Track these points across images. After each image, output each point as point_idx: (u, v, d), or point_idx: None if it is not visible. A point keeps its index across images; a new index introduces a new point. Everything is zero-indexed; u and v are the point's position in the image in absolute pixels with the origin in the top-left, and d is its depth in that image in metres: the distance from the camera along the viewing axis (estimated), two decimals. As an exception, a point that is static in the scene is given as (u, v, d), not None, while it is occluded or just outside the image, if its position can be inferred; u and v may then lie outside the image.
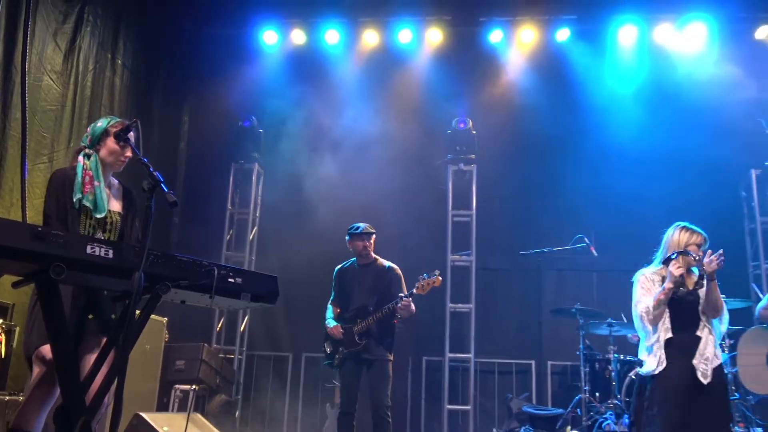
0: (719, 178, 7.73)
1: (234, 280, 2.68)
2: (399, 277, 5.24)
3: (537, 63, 8.06)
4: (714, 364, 3.78)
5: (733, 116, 7.59)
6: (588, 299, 7.07)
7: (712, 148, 7.51)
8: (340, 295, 5.36)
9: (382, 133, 7.86)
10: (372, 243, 5.28)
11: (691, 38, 7.83)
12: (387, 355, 5.08)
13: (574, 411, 5.91)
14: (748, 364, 4.24)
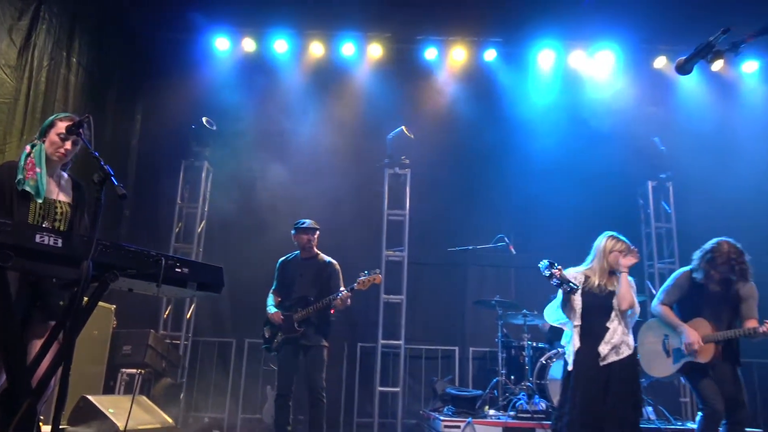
0: (621, 187, 8.05)
1: (181, 270, 2.61)
2: (338, 272, 5.23)
3: (467, 79, 8.18)
4: (625, 352, 3.91)
5: (634, 134, 7.92)
6: (506, 292, 7.23)
7: (615, 162, 7.82)
8: (281, 285, 5.30)
9: (325, 137, 7.83)
10: (316, 238, 5.24)
11: (600, 64, 8.12)
12: (323, 342, 5.06)
13: (492, 392, 6.00)
14: (646, 351, 4.41)
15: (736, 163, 7.64)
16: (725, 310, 4.20)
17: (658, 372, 4.38)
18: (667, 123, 8.01)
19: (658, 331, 4.37)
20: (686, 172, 7.73)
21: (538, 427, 5.00)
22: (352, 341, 7.53)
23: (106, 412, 4.41)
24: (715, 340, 4.10)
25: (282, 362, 5.09)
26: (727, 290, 4.16)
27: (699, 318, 4.19)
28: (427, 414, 6.00)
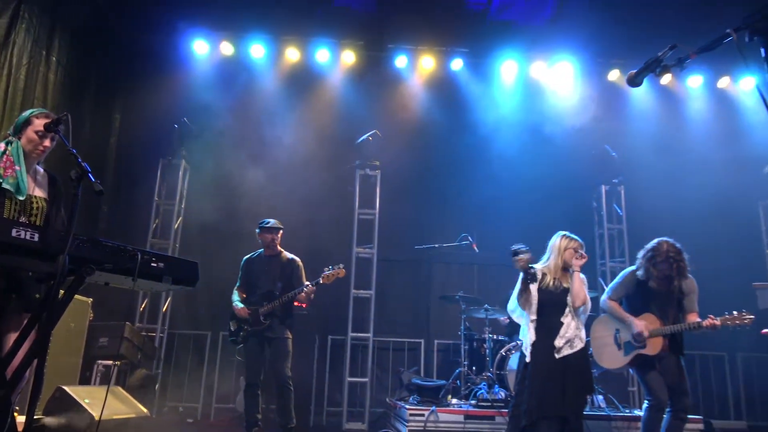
0: (577, 191, 8.19)
1: (156, 265, 2.56)
2: (300, 268, 5.22)
3: (435, 87, 8.23)
4: (578, 345, 3.97)
5: (589, 142, 8.07)
6: (469, 288, 7.29)
7: (572, 166, 7.96)
8: (246, 282, 5.27)
9: (300, 139, 7.78)
10: (279, 237, 5.22)
11: (558, 75, 8.25)
12: (287, 334, 5.04)
13: (455, 382, 6.02)
14: (598, 345, 4.47)
15: (682, 169, 7.86)
16: (670, 306, 4.29)
17: (609, 364, 4.44)
18: (619, 131, 8.18)
19: (610, 325, 4.44)
20: (637, 177, 7.90)
21: (497, 414, 5.04)
22: (323, 334, 7.50)
23: (81, 402, 4.30)
24: (662, 334, 4.19)
25: (249, 354, 5.06)
26: (670, 286, 4.25)
27: (647, 313, 4.28)
28: (394, 403, 6.01)
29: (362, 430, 6.48)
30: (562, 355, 3.91)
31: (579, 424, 3.91)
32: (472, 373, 5.98)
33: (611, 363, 4.42)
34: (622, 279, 4.47)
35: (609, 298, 4.45)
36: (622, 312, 4.35)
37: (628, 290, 4.40)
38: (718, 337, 7.58)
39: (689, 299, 4.27)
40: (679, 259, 4.17)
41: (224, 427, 6.52)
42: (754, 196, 7.92)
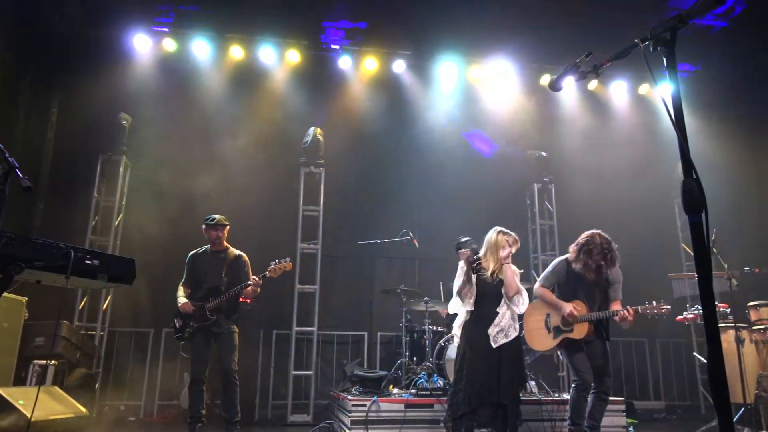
0: (512, 188, 8.43)
1: (91, 262, 2.46)
2: (247, 264, 5.15)
3: (378, 87, 8.27)
4: (512, 335, 4.09)
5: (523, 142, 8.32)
6: (410, 282, 7.37)
7: (508, 165, 8.18)
8: (191, 277, 5.14)
9: (244, 137, 7.65)
10: (225, 233, 5.13)
11: (495, 78, 8.45)
12: (234, 328, 4.98)
13: (396, 373, 6.06)
14: (531, 329, 4.61)
15: (606, 168, 8.22)
16: (597, 294, 4.48)
17: (540, 346, 4.59)
18: (551, 133, 8.47)
19: (541, 310, 4.59)
20: (566, 176, 8.19)
21: (436, 402, 5.12)
22: (267, 329, 7.42)
23: (15, 403, 4.09)
24: (588, 320, 4.37)
25: (195, 350, 4.95)
26: (600, 276, 4.44)
27: (575, 300, 4.45)
28: (337, 394, 6.00)
29: (307, 422, 6.44)
30: (498, 345, 4.02)
31: (514, 409, 4.03)
32: (412, 364, 6.04)
33: (541, 345, 4.56)
34: (554, 267, 4.64)
35: (541, 285, 4.62)
36: (553, 297, 4.51)
37: (559, 278, 4.57)
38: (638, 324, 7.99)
39: (614, 288, 4.47)
40: (610, 249, 4.36)
41: (168, 423, 6.35)
42: (671, 194, 8.37)
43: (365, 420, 4.93)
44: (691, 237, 1.59)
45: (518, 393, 4.14)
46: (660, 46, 1.65)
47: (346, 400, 5.22)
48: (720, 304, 6.09)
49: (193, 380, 4.90)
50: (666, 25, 1.64)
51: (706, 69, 8.32)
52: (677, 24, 1.64)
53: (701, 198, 1.57)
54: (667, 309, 4.30)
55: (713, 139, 8.01)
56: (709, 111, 8.39)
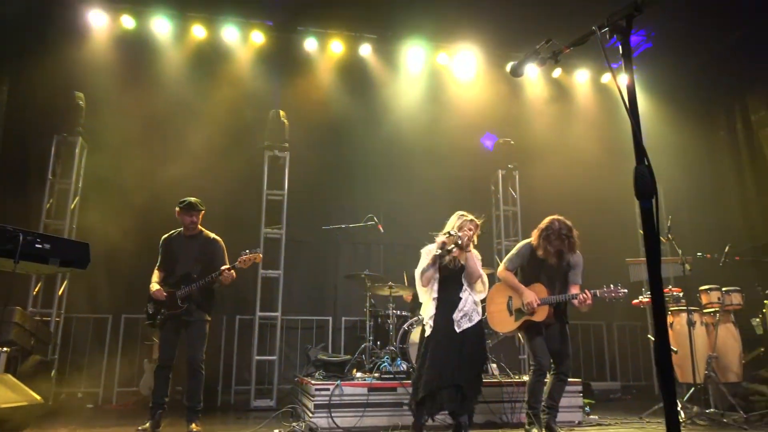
0: (477, 175, 8.51)
1: (42, 246, 2.39)
2: (222, 249, 5.03)
3: (344, 71, 8.20)
4: (475, 319, 4.15)
5: (489, 129, 8.39)
6: (375, 267, 7.39)
7: (473, 152, 8.24)
8: (165, 262, 5.01)
9: (206, 119, 7.48)
10: (200, 217, 5.01)
11: (462, 64, 8.48)
12: (205, 317, 4.89)
13: (360, 357, 6.10)
14: (493, 311, 4.67)
15: (570, 156, 8.37)
16: (558, 278, 4.58)
17: (501, 328, 4.66)
18: (516, 120, 8.56)
19: (504, 293, 4.66)
20: (530, 163, 8.30)
21: (399, 386, 5.17)
22: (230, 314, 7.35)
23: (-36, 392, 3.95)
24: (549, 303, 4.47)
25: (165, 336, 4.85)
26: (561, 260, 4.54)
27: (537, 283, 4.55)
28: (301, 379, 6.01)
29: (270, 407, 6.43)
30: (461, 329, 4.08)
31: (474, 391, 4.11)
32: (376, 348, 6.09)
33: (502, 327, 4.64)
34: (518, 250, 4.71)
35: (505, 267, 4.68)
36: (516, 281, 4.59)
37: (523, 261, 4.65)
38: (596, 308, 8.22)
39: (574, 272, 4.57)
40: (570, 235, 4.46)
41: (127, 410, 6.25)
42: (630, 181, 8.56)
43: (328, 404, 4.96)
44: (642, 222, 1.63)
45: (479, 375, 4.21)
46: (616, 34, 1.67)
47: (309, 385, 5.23)
48: (674, 288, 6.32)
49: (159, 366, 4.81)
50: (622, 12, 1.67)
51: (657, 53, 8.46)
52: (633, 12, 1.67)
53: (652, 184, 1.61)
54: (623, 293, 4.42)
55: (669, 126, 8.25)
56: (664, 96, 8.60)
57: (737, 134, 8.33)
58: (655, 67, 8.25)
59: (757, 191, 7.96)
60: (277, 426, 4.90)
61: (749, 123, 8.12)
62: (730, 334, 5.96)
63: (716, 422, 5.13)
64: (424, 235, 4.43)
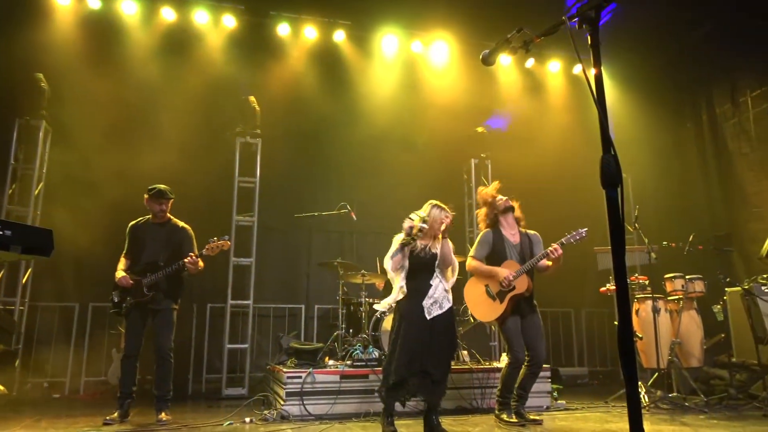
0: (451, 163, 8.55)
1: (2, 233, 2.31)
2: (190, 237, 4.96)
3: (318, 57, 8.11)
4: (445, 306, 4.18)
5: (462, 117, 8.41)
6: (348, 255, 7.39)
7: (446, 141, 8.26)
8: (132, 249, 4.91)
9: (176, 103, 7.31)
10: (169, 205, 4.93)
11: (435, 52, 8.47)
12: (172, 305, 4.83)
13: (333, 344, 6.12)
14: (475, 303, 4.70)
15: (543, 145, 8.47)
16: (526, 255, 4.62)
17: (491, 316, 4.64)
18: (489, 109, 8.61)
19: (479, 284, 4.71)
20: (503, 152, 8.36)
21: (371, 373, 5.20)
22: (201, 302, 7.28)
23: None
24: (525, 271, 4.54)
25: (131, 325, 4.78)
26: (522, 238, 4.71)
27: (507, 261, 4.63)
28: (273, 367, 5.99)
29: (242, 395, 6.40)
30: (432, 316, 4.11)
31: (444, 377, 4.15)
32: (349, 336, 6.11)
33: (491, 315, 4.63)
34: (481, 239, 4.80)
35: (473, 257, 4.75)
36: (486, 267, 4.66)
37: (489, 248, 4.72)
38: (566, 295, 8.41)
39: (538, 248, 4.72)
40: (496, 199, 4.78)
41: (95, 400, 6.15)
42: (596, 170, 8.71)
43: (300, 391, 4.96)
44: (607, 211, 1.66)
45: (449, 362, 4.25)
46: (586, 24, 1.69)
47: (281, 373, 5.21)
48: (640, 276, 6.47)
49: (125, 355, 4.74)
50: (591, 3, 1.68)
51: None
52: (602, 2, 1.68)
53: (618, 173, 1.64)
54: (585, 231, 4.52)
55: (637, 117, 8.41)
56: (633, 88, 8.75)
57: (703, 126, 8.55)
58: (625, 59, 8.38)
59: (719, 182, 8.19)
60: (249, 414, 4.89)
61: (714, 115, 8.34)
62: (692, 320, 6.14)
63: (678, 406, 5.29)
64: (397, 223, 4.43)
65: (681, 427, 4.31)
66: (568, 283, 7.83)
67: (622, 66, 8.51)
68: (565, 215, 6.77)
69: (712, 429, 4.23)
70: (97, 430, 4.24)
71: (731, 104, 8.03)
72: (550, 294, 7.85)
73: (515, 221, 4.83)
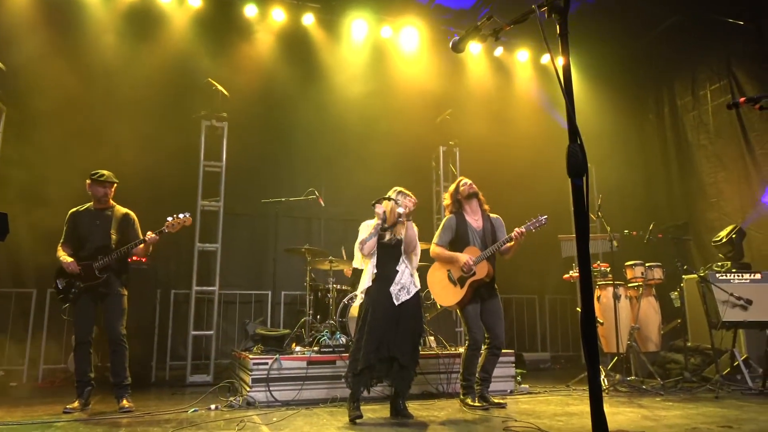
0: (420, 151, 8.57)
1: (-47, 215, 2.22)
2: (134, 221, 4.90)
3: (286, 40, 7.98)
4: (412, 291, 4.22)
5: (431, 105, 8.43)
6: (316, 241, 7.36)
7: (415, 127, 8.27)
8: (73, 237, 4.79)
9: (138, 85, 7.10)
10: (112, 191, 4.82)
11: (405, 38, 8.43)
12: (122, 290, 4.76)
13: (300, 331, 6.11)
14: (438, 289, 4.74)
15: (511, 134, 8.57)
16: (488, 241, 4.74)
17: (451, 300, 4.71)
18: (457, 97, 8.63)
19: (441, 269, 4.78)
20: (471, 140, 8.42)
21: (338, 359, 5.21)
22: (165, 288, 7.15)
23: None
24: (485, 257, 4.62)
25: (80, 311, 4.66)
26: (485, 223, 4.78)
27: (469, 246, 4.70)
28: (239, 353, 5.95)
29: (207, 382, 6.34)
30: (400, 302, 4.14)
31: (411, 363, 4.20)
32: (316, 322, 6.11)
33: (452, 299, 4.69)
34: (444, 225, 4.88)
35: (436, 244, 4.81)
36: (448, 252, 4.72)
37: (452, 233, 4.78)
38: (530, 282, 8.57)
39: (501, 232, 4.81)
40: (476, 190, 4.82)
41: (54, 388, 6.00)
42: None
43: (267, 378, 4.94)
44: (572, 199, 1.69)
45: (416, 347, 4.30)
46: (555, 13, 1.70)
47: (247, 359, 5.18)
48: (602, 264, 6.64)
49: (78, 343, 4.63)
50: (561, -8, 1.70)
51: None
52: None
53: (584, 163, 1.67)
54: (545, 218, 4.62)
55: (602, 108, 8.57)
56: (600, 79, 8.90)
57: (664, 118, 8.77)
58: (592, 51, 8.51)
59: (679, 173, 8.43)
60: (214, 401, 4.85)
61: (676, 108, 8.56)
62: (651, 306, 6.34)
63: (636, 389, 5.48)
64: (364, 209, 4.43)
65: (638, 410, 4.46)
66: (533, 270, 7.99)
67: (588, 57, 8.65)
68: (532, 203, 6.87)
69: (668, 411, 4.39)
70: (57, 419, 4.14)
71: (692, 97, 8.26)
72: (514, 281, 8.02)
73: (479, 206, 4.88)
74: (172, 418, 4.20)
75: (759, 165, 7.12)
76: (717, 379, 5.36)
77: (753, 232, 7.04)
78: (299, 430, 3.74)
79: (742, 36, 7.36)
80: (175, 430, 3.70)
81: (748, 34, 7.29)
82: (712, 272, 5.97)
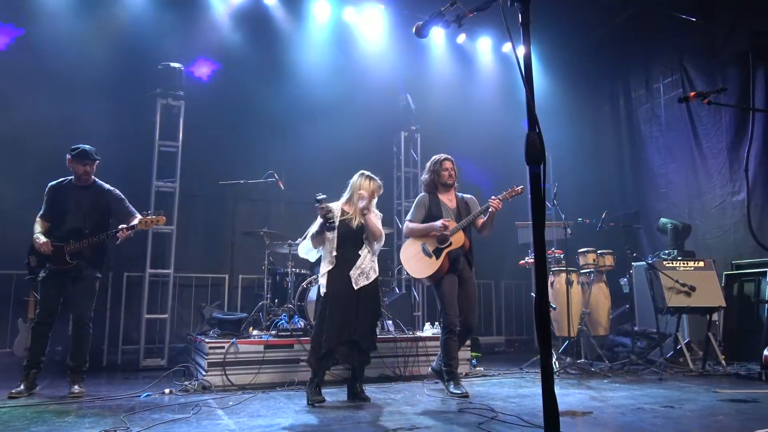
0: (381, 135, 8.55)
1: None
2: (121, 199, 4.72)
3: (244, 19, 7.81)
4: (372, 276, 4.24)
5: (392, 89, 8.42)
6: (275, 224, 7.27)
7: (377, 112, 8.23)
8: (51, 211, 4.60)
9: (89, 60, 6.81)
10: (94, 167, 4.63)
11: (368, 22, 8.37)
12: (96, 274, 4.62)
13: (257, 314, 6.06)
14: (413, 263, 4.68)
15: (471, 118, 8.66)
16: (460, 217, 4.70)
17: (428, 272, 4.61)
18: (419, 83, 8.65)
19: (415, 244, 4.71)
20: (432, 126, 8.45)
21: (295, 343, 5.20)
22: (117, 270, 6.95)
23: None
24: (461, 228, 4.62)
25: (46, 291, 4.49)
26: (458, 202, 4.77)
27: (443, 219, 4.65)
28: (195, 337, 5.86)
29: (161, 366, 6.23)
30: (359, 286, 4.16)
31: (369, 346, 4.24)
32: (274, 306, 6.07)
33: (427, 271, 4.61)
34: (417, 202, 4.86)
35: (409, 221, 4.81)
36: (421, 225, 4.70)
37: (426, 209, 4.76)
38: (487, 267, 8.73)
39: (475, 209, 4.80)
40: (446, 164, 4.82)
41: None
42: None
43: (223, 362, 4.89)
44: (530, 187, 1.72)
45: (374, 331, 4.33)
46: (517, 2, 1.72)
47: (203, 343, 5.12)
48: (556, 251, 6.82)
49: (38, 323, 4.47)
50: (524, -19, 1.71)
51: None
52: (534, -19, 1.72)
53: (542, 151, 1.71)
54: (521, 188, 4.68)
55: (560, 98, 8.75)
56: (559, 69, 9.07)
57: (619, 110, 9.02)
58: (552, 41, 8.65)
59: (632, 164, 8.72)
60: (169, 385, 4.77)
61: (630, 100, 8.81)
62: (601, 292, 6.57)
63: (585, 371, 5.68)
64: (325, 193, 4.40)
65: (587, 391, 4.64)
66: (489, 256, 8.13)
67: (547, 46, 8.79)
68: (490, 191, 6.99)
69: (614, 392, 4.57)
70: (3, 404, 4.00)
71: (645, 90, 8.51)
72: (486, 231, 8.13)
73: (452, 188, 4.90)
74: (124, 403, 4.11)
75: (705, 157, 7.43)
76: (661, 361, 5.61)
77: (698, 222, 7.36)
78: (256, 414, 3.73)
79: (694, 32, 7.61)
80: (128, 415, 3.63)
81: (698, 30, 7.54)
82: (660, 260, 6.22)
